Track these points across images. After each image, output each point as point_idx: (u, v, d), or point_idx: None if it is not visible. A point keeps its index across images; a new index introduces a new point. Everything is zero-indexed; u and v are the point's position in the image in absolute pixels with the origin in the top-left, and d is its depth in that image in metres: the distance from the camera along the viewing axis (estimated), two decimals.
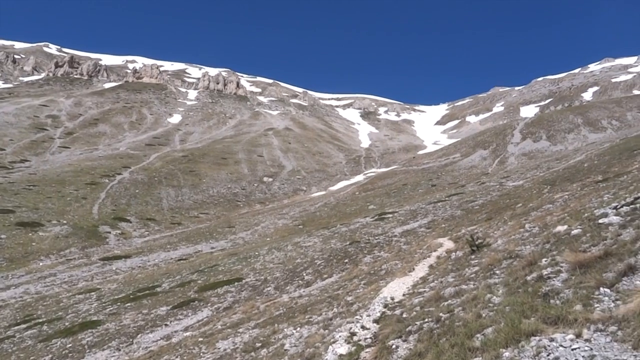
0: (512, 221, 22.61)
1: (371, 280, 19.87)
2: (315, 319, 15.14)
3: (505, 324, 6.04)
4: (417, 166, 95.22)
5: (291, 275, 28.12)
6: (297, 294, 23.17)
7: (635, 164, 31.08)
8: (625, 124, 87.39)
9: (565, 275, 7.95)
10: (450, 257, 18.03)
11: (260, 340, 14.83)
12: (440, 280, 13.60)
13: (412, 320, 9.44)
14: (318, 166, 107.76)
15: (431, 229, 32.86)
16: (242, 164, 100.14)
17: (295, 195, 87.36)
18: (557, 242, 11.25)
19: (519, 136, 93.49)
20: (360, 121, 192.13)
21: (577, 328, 5.28)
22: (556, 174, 43.90)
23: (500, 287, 9.12)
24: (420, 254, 22.07)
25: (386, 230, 36.80)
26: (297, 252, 35.99)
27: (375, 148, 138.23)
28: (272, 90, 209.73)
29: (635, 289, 5.50)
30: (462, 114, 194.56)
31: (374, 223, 42.56)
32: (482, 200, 40.47)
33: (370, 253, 29.11)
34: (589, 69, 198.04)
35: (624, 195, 14.52)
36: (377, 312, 12.06)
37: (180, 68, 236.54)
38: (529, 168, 60.50)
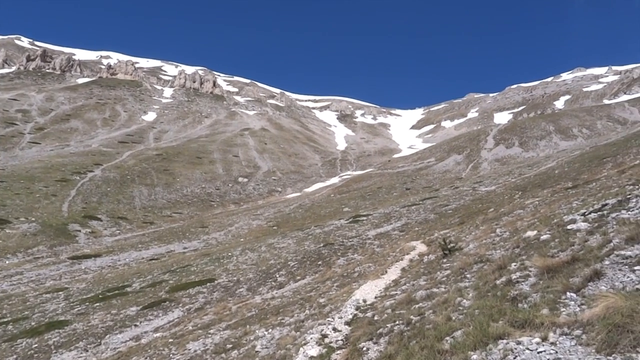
0: (483, 226, 22.92)
1: (344, 283, 19.90)
2: (288, 321, 15.10)
3: (474, 327, 6.11)
4: (392, 169, 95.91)
5: (264, 276, 27.99)
6: (269, 296, 23.08)
7: (603, 171, 31.86)
8: (595, 132, 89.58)
9: (533, 280, 8.09)
10: (422, 261, 18.18)
11: (232, 342, 14.72)
12: (412, 283, 13.70)
13: (384, 323, 9.49)
14: (294, 167, 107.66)
15: (405, 232, 33.11)
16: (217, 164, 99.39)
17: (270, 196, 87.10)
18: (527, 247, 11.44)
19: (492, 142, 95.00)
20: (336, 123, 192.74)
21: (543, 332, 5.38)
22: (527, 180, 44.68)
23: (471, 291, 9.23)
24: (393, 257, 22.21)
25: (360, 233, 36.94)
26: (271, 253, 35.86)
27: (351, 151, 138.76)
28: (249, 90, 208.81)
29: (600, 294, 5.61)
30: (438, 119, 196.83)
31: (348, 225, 42.67)
32: (455, 205, 40.95)
33: (343, 255, 29.17)
34: (562, 78, 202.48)
35: (592, 202, 14.84)
36: (349, 314, 12.09)
37: (156, 65, 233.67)
38: (502, 174, 61.48)
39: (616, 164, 34.36)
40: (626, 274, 6.42)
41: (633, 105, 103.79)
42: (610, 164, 35.38)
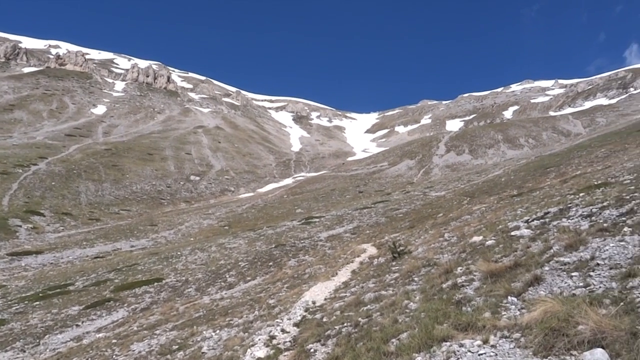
0: (433, 230, 23.40)
1: (294, 284, 19.89)
2: (236, 322, 14.96)
3: (420, 330, 6.23)
4: (346, 172, 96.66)
5: (214, 276, 27.63)
6: (218, 296, 22.80)
7: (547, 180, 33.14)
8: (541, 142, 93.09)
9: (477, 284, 8.32)
10: (372, 263, 18.39)
11: (178, 343, 14.44)
12: (361, 285, 13.83)
13: (332, 325, 9.53)
14: (247, 167, 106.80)
15: (356, 235, 33.41)
16: (168, 161, 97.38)
17: (223, 196, 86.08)
18: (473, 251, 11.76)
19: (443, 148, 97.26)
20: (292, 124, 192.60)
21: (485, 334, 5.54)
22: (476, 186, 45.94)
23: (418, 294, 9.40)
24: (344, 259, 22.37)
25: (312, 235, 37.03)
26: (221, 253, 35.44)
27: (306, 152, 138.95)
28: (204, 87, 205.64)
29: (540, 299, 5.83)
30: (392, 124, 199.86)
31: (300, 227, 42.69)
32: (406, 209, 41.64)
33: (295, 257, 29.17)
34: (511, 89, 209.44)
35: (535, 210, 15.40)
36: (298, 316, 12.09)
37: (107, 57, 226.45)
38: (451, 180, 62.98)
39: (559, 173, 35.81)
40: (564, 280, 6.69)
41: (577, 118, 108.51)
42: (554, 174, 36.83)
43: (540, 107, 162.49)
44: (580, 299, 5.32)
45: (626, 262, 6.46)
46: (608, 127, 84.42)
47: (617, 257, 6.86)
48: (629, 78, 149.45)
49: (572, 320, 4.75)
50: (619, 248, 7.24)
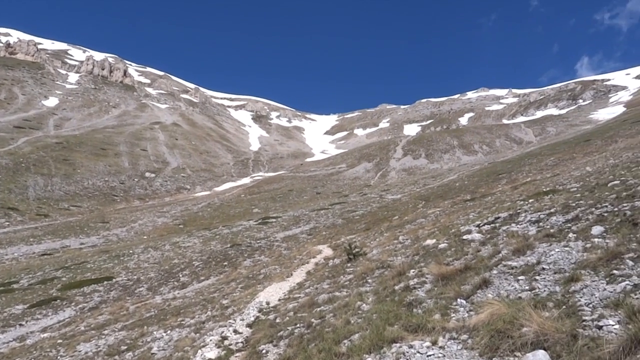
0: (388, 232, 23.70)
1: (249, 284, 19.76)
2: (188, 322, 14.72)
3: (371, 331, 6.29)
4: (304, 173, 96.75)
5: (166, 276, 27.12)
6: (171, 296, 22.40)
7: (499, 186, 34.11)
8: (494, 149, 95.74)
9: (429, 286, 8.47)
10: (327, 264, 18.46)
11: (127, 343, 14.09)
12: (316, 286, 13.86)
13: (285, 325, 9.51)
14: (205, 165, 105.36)
15: (312, 236, 33.48)
16: (123, 157, 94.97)
17: (178, 194, 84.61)
18: (426, 254, 11.96)
19: (401, 152, 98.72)
20: (251, 124, 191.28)
21: (434, 336, 5.64)
22: (431, 190, 46.84)
23: (371, 295, 9.49)
24: (299, 260, 22.37)
25: (268, 235, 36.87)
26: (175, 252, 34.83)
27: (265, 152, 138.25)
28: (162, 82, 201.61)
29: (487, 301, 5.98)
30: (351, 126, 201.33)
31: (257, 227, 42.43)
32: (362, 211, 42.02)
33: (250, 257, 28.99)
34: (467, 96, 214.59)
35: (486, 215, 15.82)
36: (251, 317, 12.00)
37: (61, 48, 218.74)
38: (408, 183, 63.98)
39: (510, 180, 36.92)
40: (511, 283, 6.89)
41: (528, 126, 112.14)
42: (505, 180, 37.96)
43: (495, 115, 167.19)
44: (526, 302, 5.49)
45: (569, 267, 6.71)
46: (557, 137, 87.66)
47: (562, 262, 7.11)
48: (578, 90, 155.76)
49: (517, 323, 4.89)
50: (564, 253, 7.52)
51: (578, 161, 35.35)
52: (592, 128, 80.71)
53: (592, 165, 25.87)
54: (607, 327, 4.42)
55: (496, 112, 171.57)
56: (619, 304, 4.75)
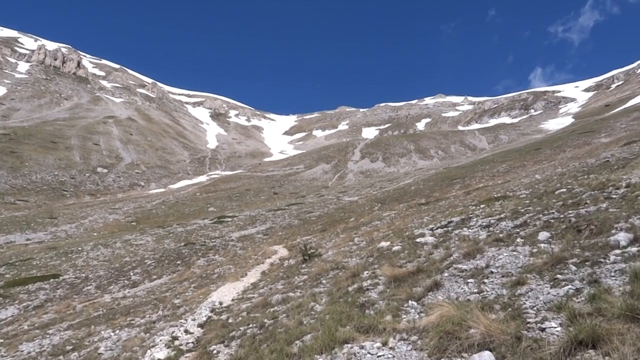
0: (344, 234, 23.86)
1: (202, 284, 19.50)
2: (138, 322, 14.39)
3: (323, 332, 6.32)
4: (262, 173, 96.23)
5: (117, 274, 26.43)
6: (121, 295, 21.85)
7: (453, 191, 34.89)
8: (449, 154, 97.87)
9: (381, 288, 8.58)
10: (283, 265, 18.43)
11: (72, 343, 13.65)
12: (270, 286, 13.81)
13: (237, 326, 9.43)
14: (160, 162, 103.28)
15: (268, 236, 33.34)
16: (74, 151, 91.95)
17: (132, 190, 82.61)
18: (380, 256, 12.11)
19: (359, 155, 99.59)
20: (209, 121, 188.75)
21: (384, 337, 5.72)
22: (387, 193, 47.43)
23: (324, 296, 9.53)
24: (254, 260, 22.24)
25: (224, 234, 36.48)
26: (127, 250, 33.98)
27: (222, 150, 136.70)
28: (117, 75, 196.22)
29: (437, 303, 6.11)
30: (310, 128, 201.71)
31: (212, 225, 41.91)
32: (319, 212, 42.14)
33: (204, 256, 28.61)
34: (425, 102, 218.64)
35: (440, 219, 16.16)
36: (203, 317, 11.84)
37: (11, 35, 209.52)
38: (365, 186, 64.58)
39: (464, 185, 37.84)
40: (461, 286, 7.07)
41: (482, 133, 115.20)
42: (459, 185, 38.87)
43: (450, 121, 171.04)
44: (474, 305, 5.64)
45: (516, 271, 6.93)
46: (509, 145, 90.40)
47: (509, 265, 7.35)
48: (530, 100, 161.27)
49: (465, 324, 5.01)
50: (512, 257, 7.76)
51: (528, 169, 36.56)
52: (543, 137, 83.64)
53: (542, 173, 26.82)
54: (549, 329, 4.59)
55: (452, 118, 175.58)
56: (561, 307, 4.94)
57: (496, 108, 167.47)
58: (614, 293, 4.92)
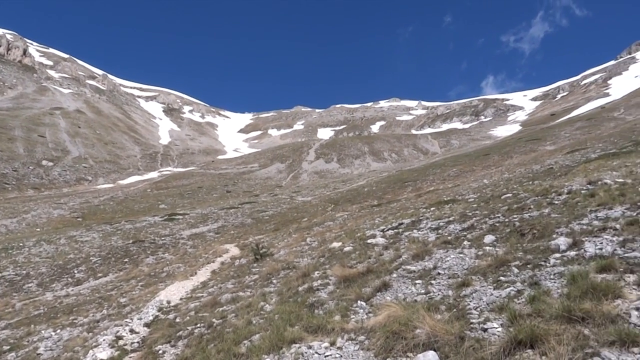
0: (296, 234, 23.88)
1: (150, 282, 19.08)
2: (81, 321, 13.93)
3: (272, 332, 6.30)
4: (215, 170, 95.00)
5: (60, 271, 25.50)
6: (64, 293, 21.08)
7: (404, 194, 35.50)
8: (402, 157, 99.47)
9: (331, 288, 8.63)
10: (234, 264, 18.27)
11: (10, 343, 13.05)
12: (220, 286, 13.66)
13: (185, 325, 9.28)
14: (109, 157, 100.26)
15: (220, 235, 32.96)
16: (17, 142, 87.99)
17: (78, 185, 79.83)
18: (331, 256, 12.18)
19: (313, 155, 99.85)
20: (162, 116, 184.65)
21: (333, 337, 5.76)
22: (341, 194, 47.76)
23: (274, 296, 9.50)
24: (205, 259, 21.97)
25: (174, 232, 35.80)
26: (71, 247, 32.82)
27: (175, 146, 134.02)
28: (66, 66, 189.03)
29: (386, 304, 6.20)
30: (265, 126, 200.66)
31: (162, 223, 41.05)
32: (272, 211, 41.98)
33: (153, 254, 28.00)
34: (380, 105, 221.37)
35: (391, 220, 16.41)
36: (150, 316, 11.58)
37: None
38: (319, 186, 64.81)
39: (415, 188, 38.56)
40: (409, 287, 7.20)
41: (435, 138, 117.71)
42: (411, 188, 39.58)
43: (404, 125, 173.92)
44: (420, 305, 5.75)
45: (462, 273, 7.12)
46: (460, 149, 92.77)
47: (456, 267, 7.54)
48: (481, 107, 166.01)
49: (411, 325, 5.11)
50: (458, 259, 7.97)
51: (477, 173, 37.62)
52: (491, 143, 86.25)
53: (489, 178, 27.65)
54: (491, 329, 4.74)
55: (406, 122, 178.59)
56: (503, 308, 5.11)
57: (448, 113, 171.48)
58: (553, 295, 5.13)
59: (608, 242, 6.57)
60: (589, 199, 9.85)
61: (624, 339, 3.85)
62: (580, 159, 23.39)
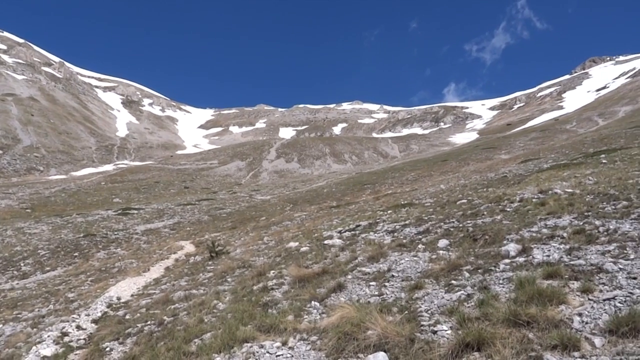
0: (253, 232, 23.72)
1: (100, 278, 18.58)
2: (25, 316, 13.42)
3: (224, 330, 6.22)
4: (174, 166, 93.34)
5: (5, 264, 24.52)
6: (8, 286, 20.28)
7: (363, 196, 35.78)
8: (363, 160, 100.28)
9: (286, 288, 8.61)
10: (188, 261, 18.00)
11: None
12: (173, 283, 13.43)
13: (135, 322, 9.07)
14: (63, 147, 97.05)
15: (175, 231, 32.41)
16: None
17: (29, 175, 76.97)
18: (288, 256, 12.16)
19: (274, 154, 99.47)
20: (120, 108, 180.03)
21: (285, 336, 5.74)
22: (300, 194, 47.75)
23: (228, 295, 9.41)
24: (159, 255, 21.56)
25: (128, 227, 34.97)
26: (19, 238, 31.61)
27: (133, 139, 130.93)
28: (21, 51, 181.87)
29: (339, 304, 6.23)
30: (227, 123, 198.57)
31: (116, 217, 40.03)
32: (230, 209, 41.58)
33: (105, 248, 27.28)
34: (342, 107, 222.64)
35: (349, 222, 16.51)
36: (98, 312, 11.26)
37: None
38: (278, 185, 64.61)
39: (374, 191, 38.93)
40: (363, 288, 7.25)
41: (395, 142, 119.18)
42: (370, 190, 39.94)
43: (366, 128, 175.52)
44: (373, 307, 5.81)
45: (416, 276, 7.23)
46: (419, 154, 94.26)
47: (410, 270, 7.64)
48: (441, 113, 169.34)
49: (363, 326, 5.14)
50: (412, 262, 8.09)
51: (435, 179, 38.31)
52: (450, 150, 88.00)
53: (446, 184, 28.19)
54: (441, 332, 4.83)
55: (367, 125, 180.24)
56: (453, 312, 5.21)
57: (409, 118, 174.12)
58: (501, 299, 5.27)
59: (555, 250, 6.79)
60: (539, 207, 10.17)
61: (566, 343, 4.00)
62: (533, 168, 24.12)
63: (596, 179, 12.70)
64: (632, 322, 4.00)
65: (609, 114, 75.72)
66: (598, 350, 3.92)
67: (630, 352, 3.76)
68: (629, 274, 5.23)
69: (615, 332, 4.04)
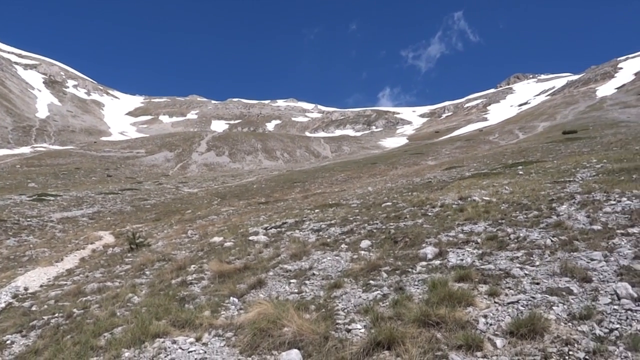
0: (178, 225, 23.16)
1: (8, 266, 17.48)
2: None
3: (136, 325, 6.01)
4: (97, 152, 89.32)
5: None
6: None
7: (292, 194, 35.83)
8: (294, 158, 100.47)
9: (206, 283, 8.47)
10: (106, 252, 17.30)
11: None
12: (87, 274, 12.84)
13: (41, 314, 8.59)
14: None
15: (95, 220, 31.05)
16: None
17: None
18: (211, 251, 11.97)
19: (205, 147, 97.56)
20: (42, 88, 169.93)
21: (200, 332, 5.63)
22: (229, 189, 47.10)
23: (145, 288, 9.12)
24: (75, 245, 20.57)
25: (43, 214, 33.07)
26: None
27: (54, 122, 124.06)
28: None
29: (258, 301, 6.19)
30: (157, 112, 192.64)
31: (30, 203, 37.74)
32: (155, 200, 40.35)
33: (16, 236, 25.67)
34: (277, 104, 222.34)
35: (276, 219, 16.49)
36: (2, 303, 10.57)
37: None
38: (207, 179, 63.41)
39: (303, 189, 39.08)
40: (283, 285, 7.26)
41: (327, 142, 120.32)
42: (299, 189, 40.06)
43: (299, 126, 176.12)
44: (291, 304, 5.82)
45: (336, 274, 7.32)
46: (350, 156, 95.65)
47: (331, 269, 7.73)
48: (373, 117, 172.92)
49: (279, 323, 5.14)
50: (334, 261, 8.19)
51: (363, 180, 39.02)
52: (380, 153, 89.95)
53: (374, 186, 28.77)
54: (355, 330, 4.91)
55: (301, 123, 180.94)
56: (368, 311, 5.32)
57: (342, 120, 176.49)
58: (414, 300, 5.44)
59: (469, 254, 7.10)
60: (458, 213, 10.59)
61: (470, 343, 4.18)
62: (456, 175, 25.09)
63: (512, 189, 13.39)
64: (531, 325, 4.25)
65: (528, 128, 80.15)
66: (499, 350, 4.13)
67: (528, 352, 3.99)
68: (533, 279, 5.55)
69: (515, 333, 4.27)
